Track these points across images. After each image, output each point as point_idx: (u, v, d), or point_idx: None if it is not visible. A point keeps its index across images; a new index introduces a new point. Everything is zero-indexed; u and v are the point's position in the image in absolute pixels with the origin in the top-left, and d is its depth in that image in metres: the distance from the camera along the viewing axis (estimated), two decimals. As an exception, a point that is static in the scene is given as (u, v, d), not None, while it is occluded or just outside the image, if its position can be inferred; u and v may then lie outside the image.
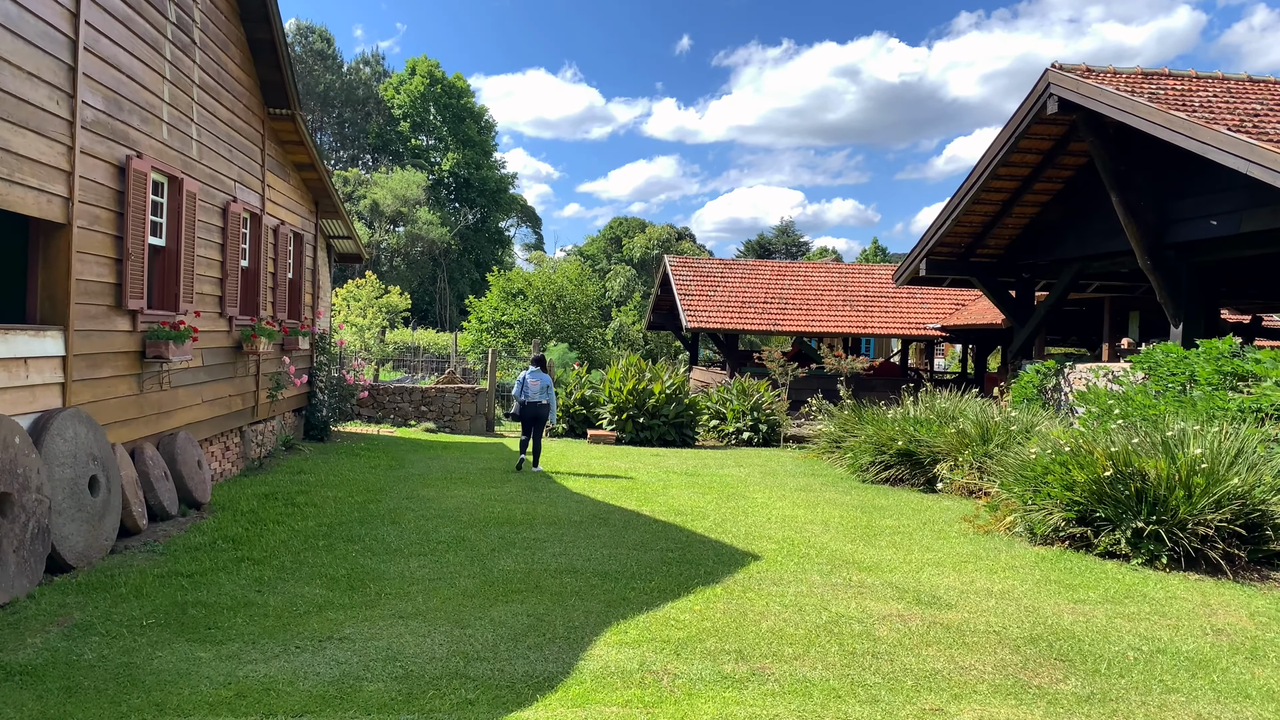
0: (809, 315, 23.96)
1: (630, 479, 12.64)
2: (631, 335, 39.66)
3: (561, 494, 11.09)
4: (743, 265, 27.14)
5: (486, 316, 30.92)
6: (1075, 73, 11.45)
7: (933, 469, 12.40)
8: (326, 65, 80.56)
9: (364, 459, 13.39)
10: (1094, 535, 8.59)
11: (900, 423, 13.15)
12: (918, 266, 15.51)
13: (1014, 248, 15.37)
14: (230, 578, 6.78)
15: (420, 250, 69.23)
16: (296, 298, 14.15)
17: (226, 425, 11.19)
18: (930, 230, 15.01)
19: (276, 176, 12.95)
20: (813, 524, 9.74)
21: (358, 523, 8.95)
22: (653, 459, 15.22)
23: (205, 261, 10.20)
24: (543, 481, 12.05)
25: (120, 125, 7.98)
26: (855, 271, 26.94)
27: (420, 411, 18.51)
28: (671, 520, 9.61)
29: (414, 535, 8.45)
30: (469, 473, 12.57)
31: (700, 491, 11.70)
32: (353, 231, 16.46)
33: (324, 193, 14.86)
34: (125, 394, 8.27)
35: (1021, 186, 14.05)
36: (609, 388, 18.34)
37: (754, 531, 9.19)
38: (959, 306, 24.91)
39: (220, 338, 10.80)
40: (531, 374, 13.43)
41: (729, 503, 10.92)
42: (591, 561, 7.64)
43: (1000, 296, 15.44)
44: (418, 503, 10.13)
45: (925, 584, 7.32)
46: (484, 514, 9.56)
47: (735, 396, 19.19)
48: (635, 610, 6.26)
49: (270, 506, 9.53)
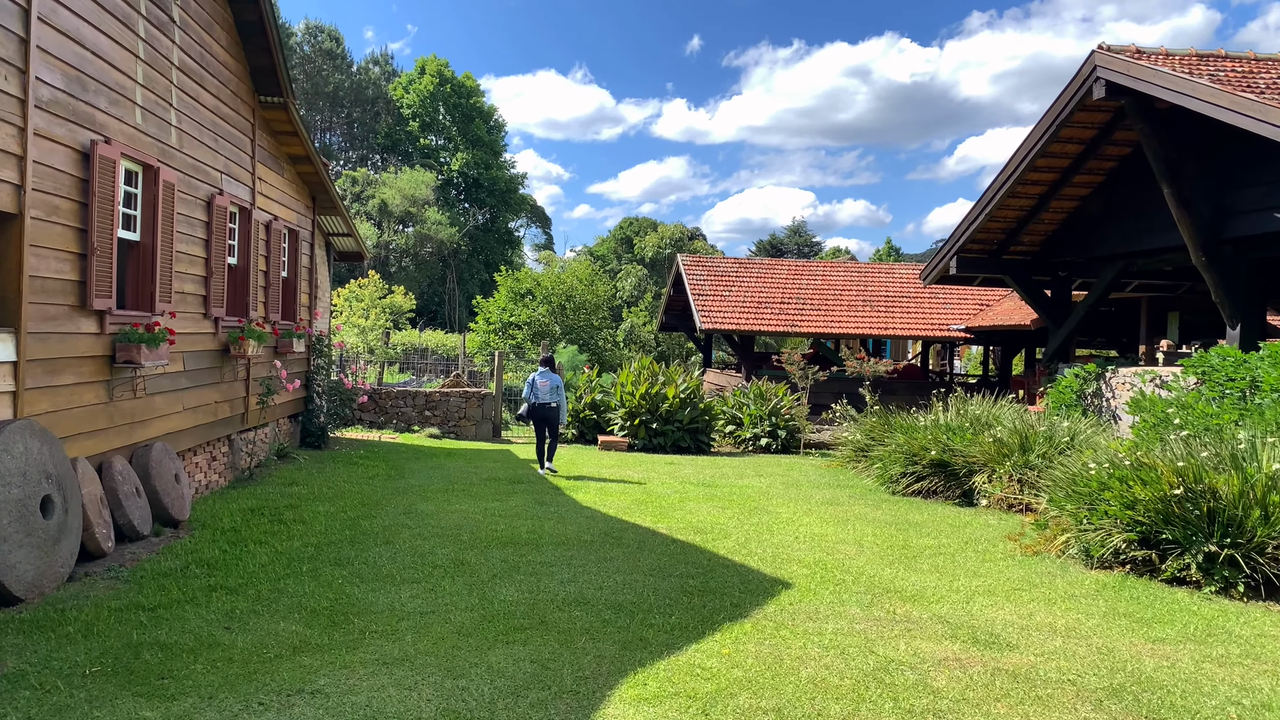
0: (828, 316, 23.12)
1: (644, 490, 11.85)
2: (643, 336, 38.86)
3: (570, 508, 10.31)
4: (758, 264, 26.31)
5: (494, 318, 30.13)
6: (1125, 54, 10.61)
7: (969, 481, 11.57)
8: (336, 65, 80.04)
9: (362, 468, 12.63)
10: (1159, 560, 7.76)
11: (932, 431, 12.32)
12: (948, 264, 14.68)
13: (1050, 244, 14.52)
14: (198, 611, 6.02)
15: (429, 251, 68.58)
16: (291, 298, 13.41)
17: (212, 434, 10.45)
18: (961, 226, 14.17)
19: (269, 169, 12.21)
20: (844, 544, 8.93)
21: (348, 542, 8.18)
22: (667, 467, 14.43)
23: (187, 258, 9.45)
24: (550, 494, 11.27)
25: (84, 107, 7.23)
26: (875, 271, 26.09)
27: (424, 416, 17.77)
28: (691, 540, 8.81)
29: (408, 558, 7.68)
30: (472, 483, 11.80)
31: (720, 505, 10.90)
32: (353, 228, 15.72)
33: (321, 187, 14.12)
34: (91, 403, 7.52)
35: (1060, 179, 13.20)
36: (620, 392, 17.56)
37: (782, 553, 8.39)
38: (983, 307, 24.04)
39: (205, 340, 10.06)
40: (541, 374, 13.34)
41: (751, 518, 10.11)
42: (603, 590, 6.85)
43: (1035, 296, 14.59)
44: (415, 518, 9.36)
45: (979, 618, 6.51)
46: (486, 532, 8.78)
47: (752, 401, 18.38)
48: (654, 654, 5.46)
49: (255, 523, 8.77)
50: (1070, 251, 14.13)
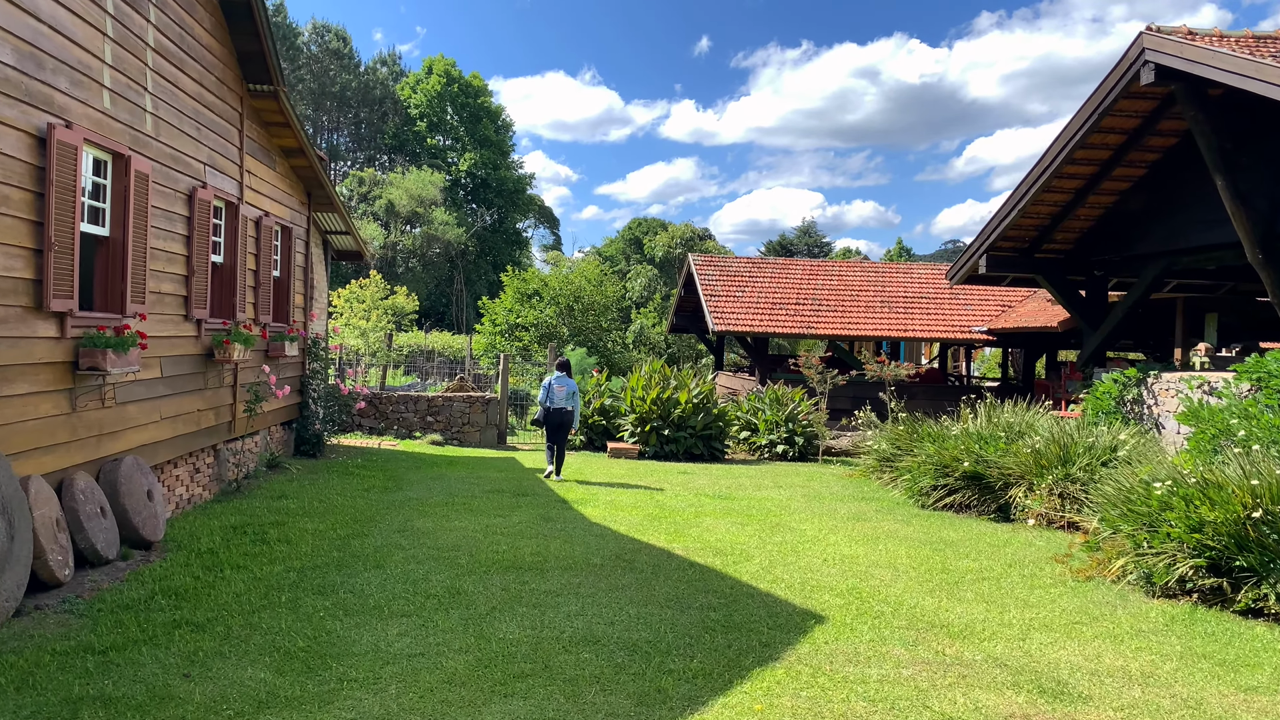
0: (845, 317, 22.34)
1: (657, 504, 11.11)
2: (652, 338, 38.11)
3: (578, 525, 9.57)
4: (772, 264, 25.55)
5: (500, 319, 29.41)
6: (1177, 35, 9.83)
7: (1005, 495, 10.80)
8: (343, 65, 79.49)
9: (357, 479, 11.92)
10: (1232, 589, 6.99)
11: (964, 440, 11.55)
12: (977, 263, 13.89)
13: (1085, 242, 13.73)
14: (156, 653, 5.30)
15: (437, 251, 67.95)
16: (284, 298, 12.71)
17: (195, 444, 9.75)
18: (992, 223, 13.39)
19: (259, 162, 11.51)
20: (878, 567, 8.17)
21: (335, 566, 7.46)
22: (680, 477, 13.69)
23: (165, 256, 8.75)
24: (557, 508, 10.54)
25: (40, 86, 6.53)
26: (892, 271, 25.29)
27: (426, 422, 17.05)
28: (710, 563, 8.06)
29: (399, 585, 6.95)
30: (474, 496, 11.07)
31: (738, 521, 10.15)
32: (350, 226, 15.02)
33: (316, 182, 13.41)
34: (50, 414, 6.81)
35: (1099, 172, 12.41)
36: (631, 397, 16.82)
37: (811, 579, 7.63)
38: (1005, 308, 23.23)
39: (186, 344, 9.35)
40: (557, 379, 13.08)
41: (774, 537, 9.36)
42: (615, 626, 6.11)
43: (1069, 297, 13.79)
44: (410, 537, 8.63)
45: (1040, 660, 5.75)
46: (486, 554, 8.05)
47: (768, 406, 17.62)
48: (676, 712, 4.72)
49: (235, 544, 8.06)
50: (1107, 249, 13.34)
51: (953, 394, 22.98)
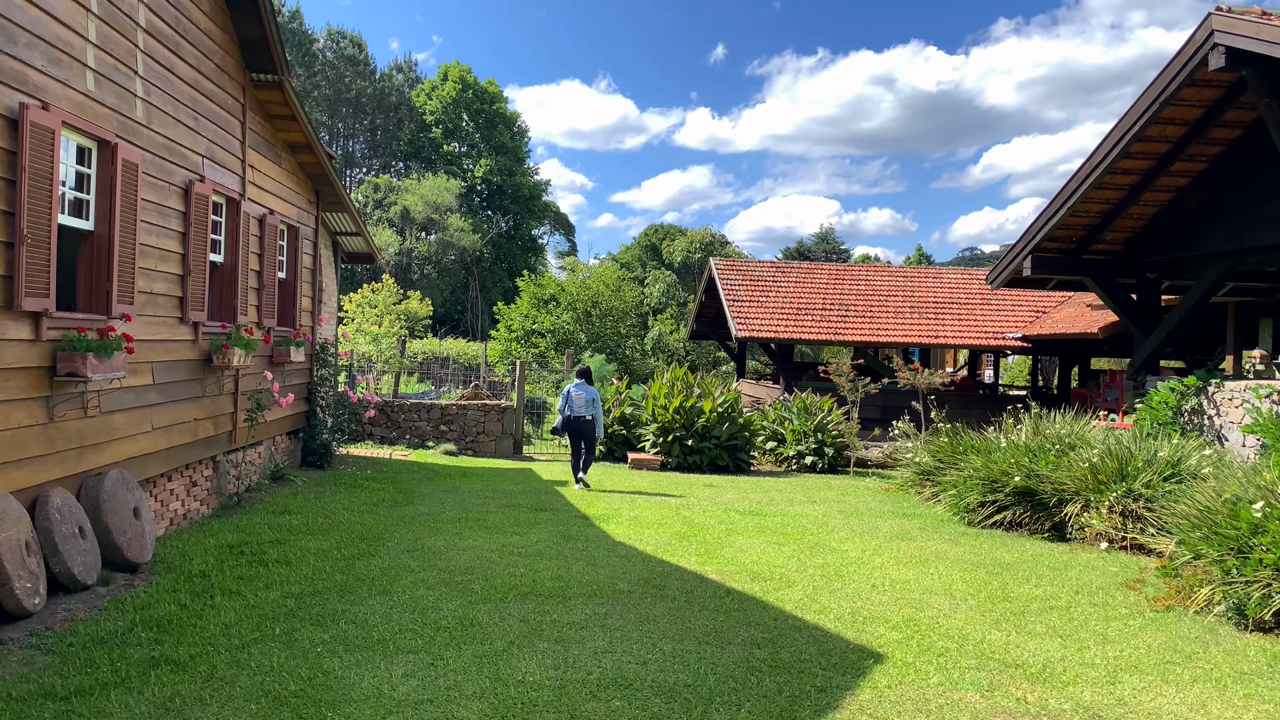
0: (873, 323, 21.57)
1: (684, 520, 10.39)
2: (670, 345, 37.39)
3: (601, 544, 8.86)
4: (797, 268, 24.81)
5: (516, 325, 28.74)
6: (1250, 15, 9.07)
7: (1059, 512, 10.03)
8: (358, 71, 79.31)
9: (366, 492, 11.26)
10: (1340, 623, 6.23)
11: (1014, 453, 10.78)
12: (1020, 265, 13.13)
13: (1137, 242, 12.94)
14: (126, 699, 4.63)
15: (452, 258, 67.53)
16: (290, 301, 12.08)
17: (191, 456, 9.10)
18: (1038, 223, 12.62)
19: (264, 157, 10.90)
20: (933, 594, 7.42)
21: (337, 592, 6.78)
22: (706, 490, 12.96)
23: (157, 253, 8.12)
24: (578, 525, 9.83)
25: (10, 62, 5.90)
26: (921, 275, 24.51)
27: (439, 431, 16.39)
28: (748, 589, 7.33)
29: (406, 614, 6.26)
30: (489, 511, 10.39)
31: (774, 540, 9.42)
32: (361, 227, 14.40)
33: (325, 180, 12.79)
34: (22, 424, 6.16)
35: (1156, 167, 11.63)
36: (652, 405, 16.11)
37: (861, 608, 6.90)
38: (1039, 314, 22.41)
39: (181, 348, 8.72)
40: (576, 386, 12.75)
41: (814, 558, 8.62)
42: (649, 666, 5.39)
43: (1119, 300, 12.99)
44: (420, 558, 7.95)
45: (1138, 710, 5.00)
46: (502, 578, 7.35)
47: (795, 415, 16.88)
48: (727, 780, 4.00)
49: (230, 565, 7.40)
50: (1161, 250, 12.55)
51: (985, 403, 22.17)
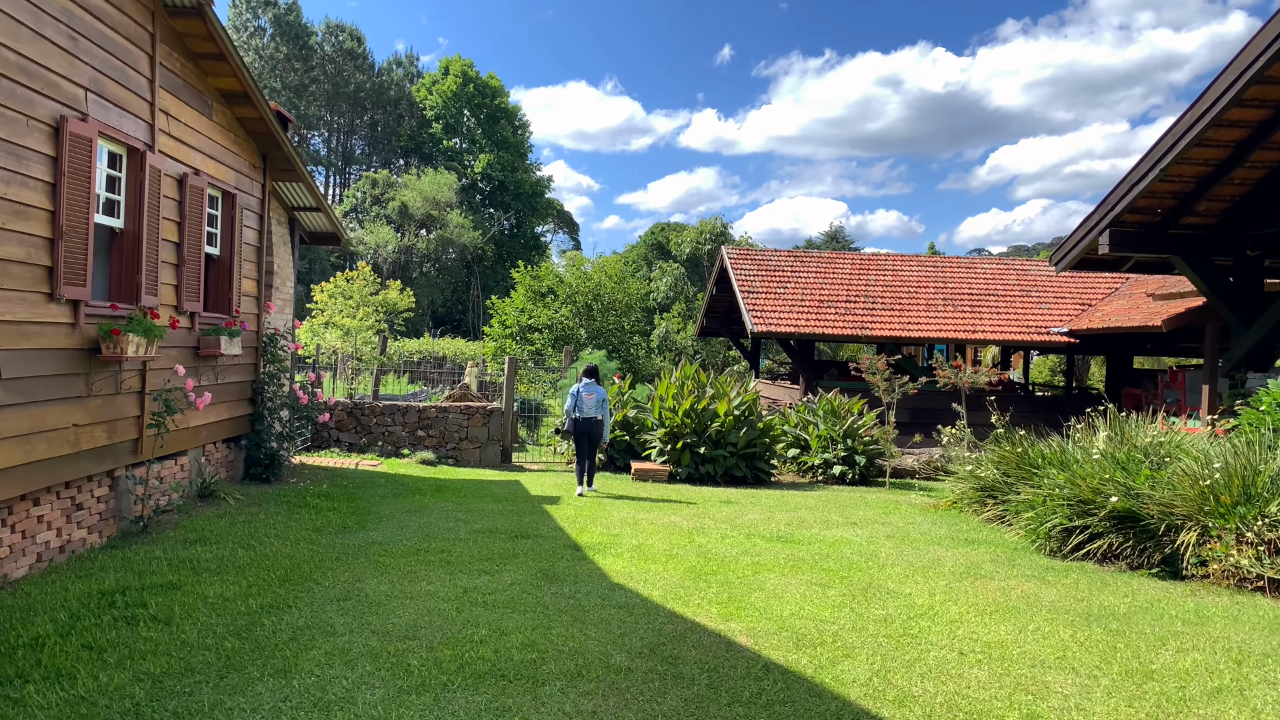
0: (904, 317, 19.54)
1: (698, 549, 8.38)
2: (678, 343, 35.32)
3: (593, 587, 6.85)
4: (817, 258, 22.77)
5: (511, 320, 26.71)
6: None
7: (1171, 540, 7.99)
8: (357, 65, 77.44)
9: (311, 514, 9.27)
10: None
11: (1106, 466, 8.76)
12: (1095, 241, 11.07)
13: (1236, 212, 10.90)
14: None
15: (452, 256, 65.64)
16: (225, 283, 10.10)
17: (72, 472, 7.11)
18: (1119, 191, 10.57)
19: (185, 104, 8.92)
20: (1044, 665, 5.39)
21: (217, 672, 4.78)
22: (724, 509, 10.95)
23: (8, 208, 6.14)
24: (565, 558, 7.82)
25: None
26: (953, 265, 22.47)
27: (416, 437, 14.39)
28: (793, 663, 5.30)
29: (303, 714, 4.26)
30: (457, 539, 8.38)
31: (815, 579, 7.39)
32: (321, 201, 12.41)
33: (271, 141, 10.80)
34: None
35: (1272, 119, 9.58)
36: (659, 408, 14.11)
37: (958, 695, 4.86)
38: (1085, 307, 20.36)
39: (50, 334, 6.73)
40: (585, 386, 11.96)
41: (872, 607, 6.59)
42: (656, 826, 3.38)
43: (1214, 282, 10.93)
44: (351, 611, 5.95)
45: None
46: (455, 645, 5.34)
47: (821, 419, 14.87)
48: None
49: (85, 626, 5.41)
50: (1267, 220, 10.49)
51: (1033, 406, 20.11)
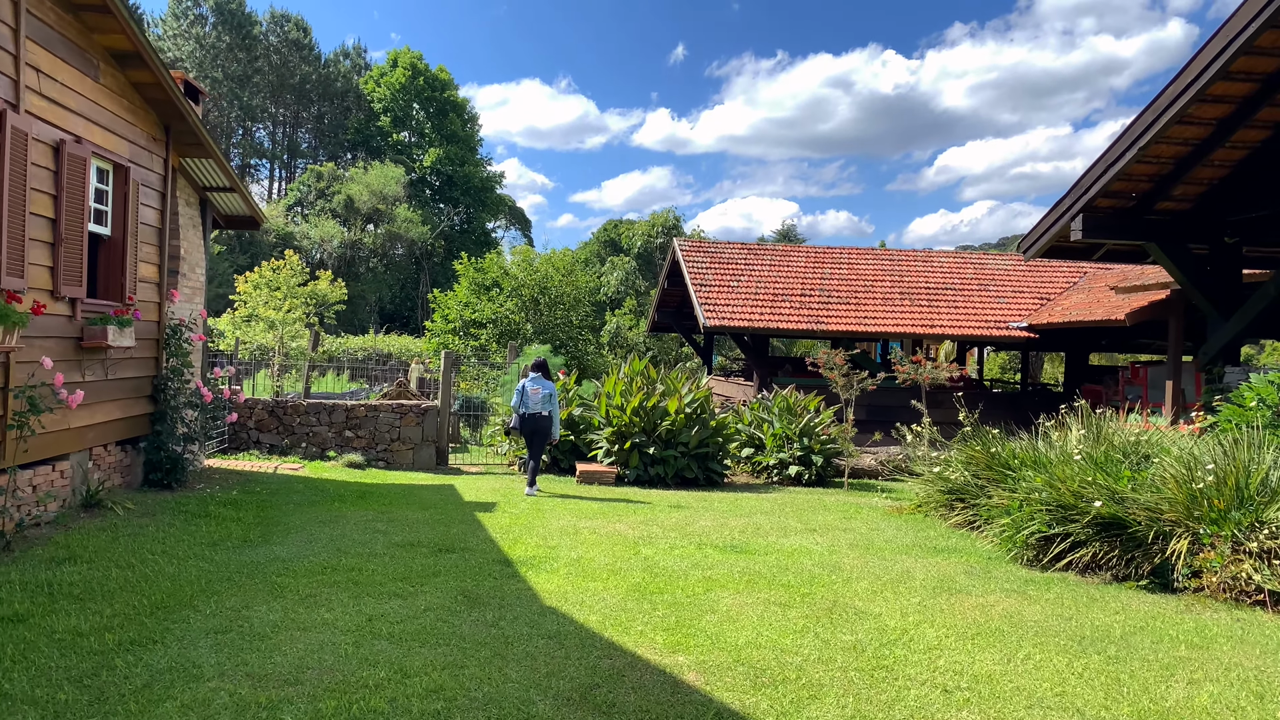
0: (860, 311, 18.89)
1: (644, 562, 7.53)
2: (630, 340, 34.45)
3: (521, 612, 5.95)
4: (771, 250, 22.07)
5: (454, 314, 25.66)
6: None
7: (1161, 549, 7.31)
8: (303, 56, 75.42)
9: (212, 525, 8.24)
10: None
11: (1087, 468, 8.07)
12: (1067, 227, 10.42)
13: (1214, 197, 10.33)
14: None
15: (400, 252, 64.11)
16: (118, 267, 9.02)
17: (-94, 482, 6.05)
18: (1094, 172, 9.93)
19: (62, 61, 7.85)
20: (1045, 706, 4.62)
21: (33, 735, 3.81)
22: (673, 515, 10.11)
23: None
24: (492, 576, 6.91)
25: None
26: (909, 259, 21.90)
27: (345, 438, 13.35)
28: (749, 711, 4.46)
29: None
30: (372, 554, 7.43)
31: (773, 598, 6.57)
32: (236, 181, 11.33)
33: (174, 111, 9.73)
34: None
35: (1259, 93, 8.98)
36: (606, 405, 13.24)
37: (947, 751, 4.07)
38: (1043, 301, 19.90)
39: (-128, 319, 5.67)
40: (532, 381, 11.59)
41: (839, 631, 5.78)
42: None
43: (1190, 271, 10.35)
44: (228, 648, 4.99)
45: None
46: (343, 693, 4.42)
47: (777, 416, 14.13)
48: None
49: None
50: (1246, 205, 9.93)
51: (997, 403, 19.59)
